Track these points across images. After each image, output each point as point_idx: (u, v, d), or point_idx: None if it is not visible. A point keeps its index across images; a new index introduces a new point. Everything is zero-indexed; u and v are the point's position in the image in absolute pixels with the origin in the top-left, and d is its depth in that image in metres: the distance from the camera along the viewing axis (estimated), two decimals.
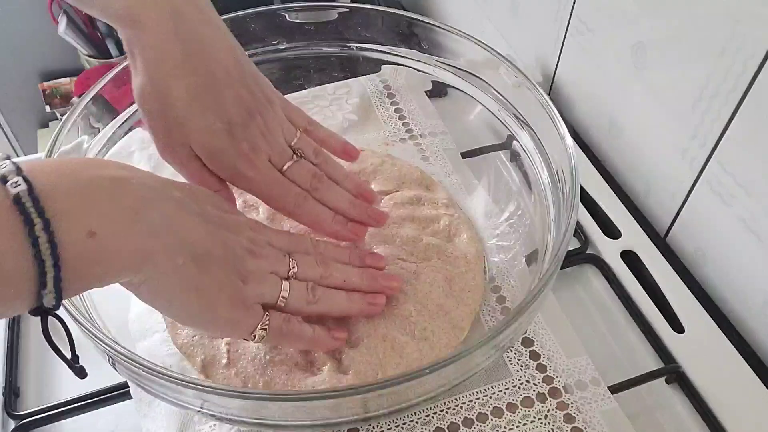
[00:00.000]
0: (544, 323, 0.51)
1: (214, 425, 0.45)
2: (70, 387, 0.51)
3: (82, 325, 0.38)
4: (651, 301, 0.55)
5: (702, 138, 0.54)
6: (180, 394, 0.37)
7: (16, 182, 0.30)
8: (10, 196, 0.30)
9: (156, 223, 0.35)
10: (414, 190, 0.57)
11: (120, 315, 0.46)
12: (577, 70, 0.70)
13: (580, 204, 0.62)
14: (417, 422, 0.46)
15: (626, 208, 0.62)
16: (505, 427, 0.45)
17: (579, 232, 0.60)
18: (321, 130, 0.52)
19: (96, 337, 0.37)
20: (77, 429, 0.49)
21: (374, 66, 0.63)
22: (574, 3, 0.66)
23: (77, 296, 0.42)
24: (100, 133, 0.54)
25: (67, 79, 1.08)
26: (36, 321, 0.55)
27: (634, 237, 0.60)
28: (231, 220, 0.42)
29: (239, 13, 0.57)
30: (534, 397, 0.47)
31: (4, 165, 0.31)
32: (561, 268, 0.41)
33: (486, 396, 0.47)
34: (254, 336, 0.40)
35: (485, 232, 0.55)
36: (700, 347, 0.52)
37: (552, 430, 0.45)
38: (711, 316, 0.54)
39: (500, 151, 0.57)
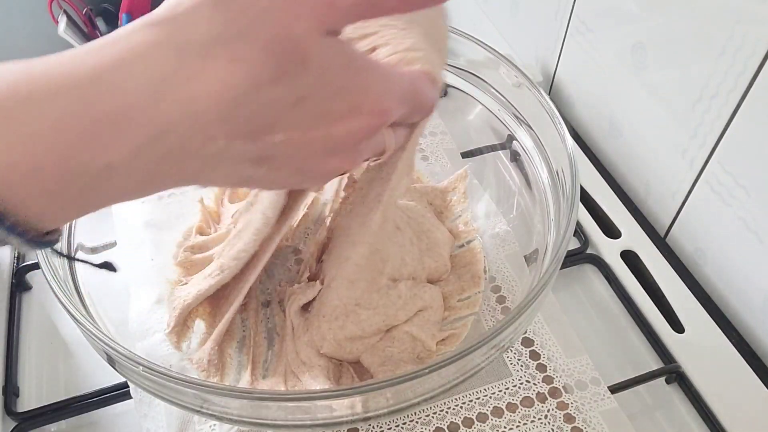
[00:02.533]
0: (544, 323, 0.51)
1: (214, 425, 0.45)
2: (70, 387, 0.51)
3: (82, 325, 0.38)
4: (651, 301, 0.55)
5: (702, 138, 0.54)
6: (180, 394, 0.37)
7: None
8: None
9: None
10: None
11: (120, 315, 0.46)
12: (577, 70, 0.70)
13: (580, 204, 0.62)
14: (417, 422, 0.46)
15: (626, 208, 0.62)
16: (505, 427, 0.45)
17: (579, 232, 0.60)
18: None
19: (96, 337, 0.37)
20: (77, 429, 0.49)
21: None
22: (574, 3, 0.66)
23: (76, 295, 0.42)
24: None
25: None
26: (35, 321, 0.55)
27: (634, 237, 0.60)
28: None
29: None
30: (534, 397, 0.47)
31: None
32: (561, 268, 0.41)
33: (486, 396, 0.47)
34: None
35: (485, 232, 0.55)
36: (700, 347, 0.52)
37: (552, 430, 0.45)
38: (711, 316, 0.54)
39: (500, 151, 0.57)
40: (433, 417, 0.46)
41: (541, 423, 0.46)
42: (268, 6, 0.25)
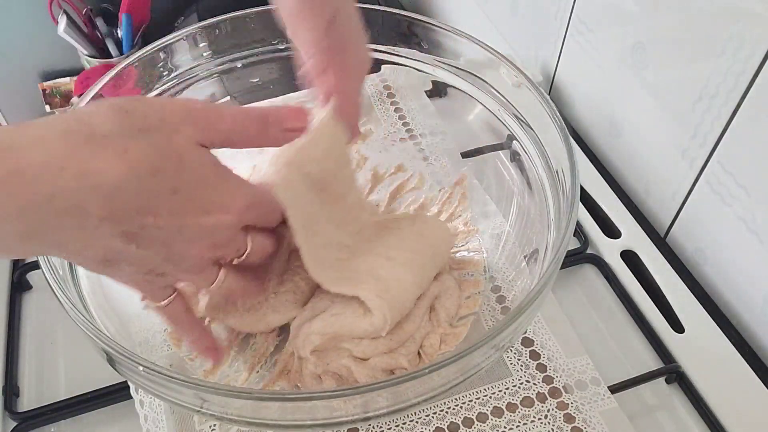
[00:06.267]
0: (544, 323, 0.51)
1: (214, 425, 0.45)
2: (70, 386, 0.51)
3: (82, 325, 0.38)
4: (651, 301, 0.55)
5: (702, 138, 0.54)
6: (180, 394, 0.37)
7: None
8: None
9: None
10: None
11: (120, 314, 0.46)
12: (577, 70, 0.70)
13: (580, 204, 0.62)
14: (417, 422, 0.46)
15: (626, 208, 0.62)
16: (505, 427, 0.45)
17: (579, 232, 0.60)
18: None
19: (96, 337, 0.37)
20: (77, 429, 0.49)
21: (374, 66, 0.63)
22: (574, 3, 0.66)
23: (76, 296, 0.42)
24: None
25: (67, 79, 1.08)
26: (35, 321, 0.55)
27: (634, 237, 0.60)
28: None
29: (239, 13, 0.57)
30: (534, 397, 0.47)
31: None
32: (561, 268, 0.41)
33: (486, 396, 0.47)
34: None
35: (485, 232, 0.55)
36: (700, 347, 0.52)
37: (552, 430, 0.45)
38: (711, 316, 0.54)
39: (500, 151, 0.57)
40: (433, 417, 0.46)
41: (541, 423, 0.46)
42: (161, 118, 0.32)
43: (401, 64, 0.62)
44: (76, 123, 0.30)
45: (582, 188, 0.63)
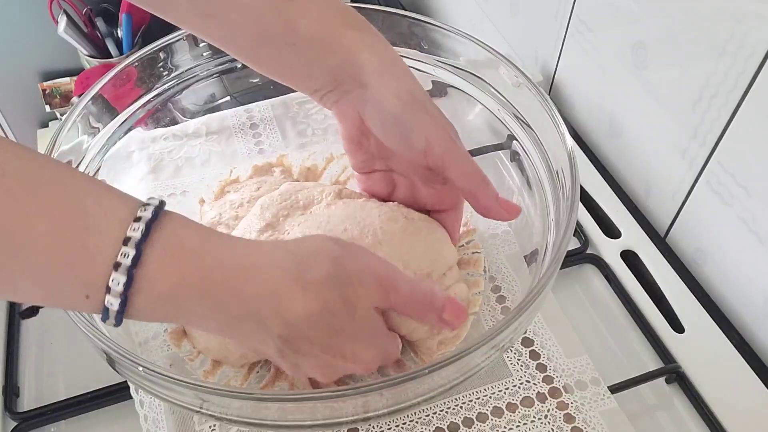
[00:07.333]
0: (544, 323, 0.51)
1: (214, 425, 0.45)
2: (70, 386, 0.51)
3: (82, 325, 0.38)
4: (651, 301, 0.55)
5: (702, 138, 0.54)
6: (180, 394, 0.37)
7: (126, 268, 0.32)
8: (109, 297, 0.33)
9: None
10: None
11: None
12: (577, 70, 0.70)
13: (580, 204, 0.62)
14: (417, 422, 0.46)
15: (626, 208, 0.62)
16: (505, 427, 0.45)
17: (579, 232, 0.60)
18: None
19: (96, 337, 0.37)
20: (77, 429, 0.49)
21: None
22: (574, 3, 0.66)
23: None
24: (99, 132, 0.54)
25: (67, 79, 1.08)
26: (35, 321, 0.55)
27: (634, 237, 0.60)
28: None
29: None
30: (534, 396, 0.47)
31: (126, 256, 0.32)
32: (561, 268, 0.42)
33: (486, 396, 0.47)
34: None
35: (485, 232, 0.55)
36: (700, 347, 0.52)
37: (552, 430, 0.45)
38: (711, 316, 0.54)
39: (500, 151, 0.57)
40: (433, 417, 0.46)
41: (541, 423, 0.46)
42: (359, 278, 0.38)
43: None
44: (291, 262, 0.36)
45: (582, 188, 0.63)
